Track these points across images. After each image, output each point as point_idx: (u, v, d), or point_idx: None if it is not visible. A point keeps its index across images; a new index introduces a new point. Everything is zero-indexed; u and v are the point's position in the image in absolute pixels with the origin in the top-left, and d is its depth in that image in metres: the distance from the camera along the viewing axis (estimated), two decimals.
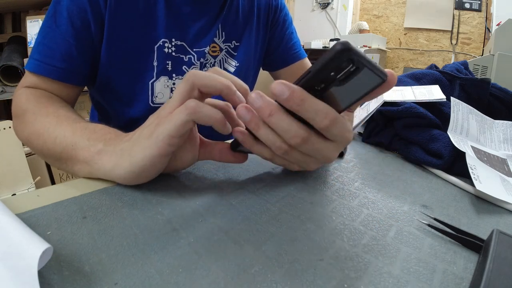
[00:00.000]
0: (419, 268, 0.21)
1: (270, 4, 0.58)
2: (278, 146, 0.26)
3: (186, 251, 0.21)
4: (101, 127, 0.32)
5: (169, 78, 0.49)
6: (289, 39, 0.62)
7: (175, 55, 0.48)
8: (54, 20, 0.42)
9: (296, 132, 0.25)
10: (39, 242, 0.18)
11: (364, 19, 2.69)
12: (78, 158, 0.30)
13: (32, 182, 1.16)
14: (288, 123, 0.25)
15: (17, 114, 0.41)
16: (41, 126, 0.35)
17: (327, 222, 0.26)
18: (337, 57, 0.20)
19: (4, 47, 1.52)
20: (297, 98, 0.23)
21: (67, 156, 0.31)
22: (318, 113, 0.24)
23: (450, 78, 0.51)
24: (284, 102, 0.23)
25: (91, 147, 0.30)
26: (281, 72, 0.64)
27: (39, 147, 0.35)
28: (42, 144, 0.35)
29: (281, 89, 0.23)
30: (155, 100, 0.49)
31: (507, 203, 0.30)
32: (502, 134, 0.46)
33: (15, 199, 0.27)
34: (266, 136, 0.26)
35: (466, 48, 2.20)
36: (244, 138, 0.29)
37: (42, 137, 0.35)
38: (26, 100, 0.40)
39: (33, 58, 0.43)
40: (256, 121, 0.26)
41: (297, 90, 0.23)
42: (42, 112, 0.38)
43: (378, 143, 0.48)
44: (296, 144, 0.25)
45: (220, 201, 0.28)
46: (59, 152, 0.32)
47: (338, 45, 0.19)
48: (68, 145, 0.31)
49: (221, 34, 0.53)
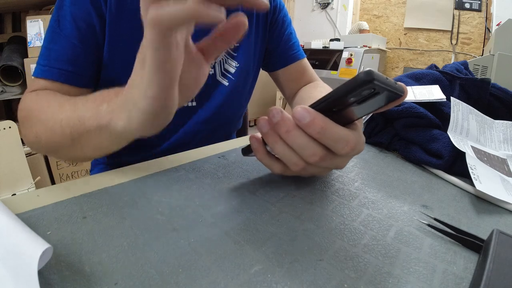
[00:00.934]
0: (419, 268, 0.21)
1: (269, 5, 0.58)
2: (294, 163, 0.26)
3: (186, 251, 0.21)
4: (99, 93, 0.31)
5: None
6: (288, 40, 0.62)
7: None
8: (58, 24, 0.42)
9: (314, 150, 0.25)
10: (39, 242, 0.18)
11: (364, 19, 2.68)
12: (90, 129, 0.29)
13: (32, 182, 1.16)
14: (306, 141, 0.24)
15: (23, 117, 0.39)
16: (46, 117, 0.34)
17: (327, 222, 0.26)
18: (360, 86, 0.20)
19: (4, 47, 1.52)
20: (317, 126, 0.23)
21: (78, 133, 0.30)
22: (339, 141, 0.24)
23: (450, 78, 0.51)
24: (305, 128, 0.24)
25: (96, 114, 0.28)
26: (280, 72, 0.64)
27: (50, 140, 0.33)
28: (51, 135, 0.33)
29: (302, 114, 0.23)
30: None
31: (507, 203, 0.30)
32: (502, 134, 0.46)
33: (15, 199, 0.27)
34: (282, 151, 0.26)
35: (466, 48, 2.20)
36: (258, 147, 0.29)
37: (49, 127, 0.33)
38: (30, 101, 0.40)
39: (40, 64, 0.42)
40: (273, 135, 0.26)
41: (318, 117, 0.23)
42: (44, 105, 0.36)
43: (378, 143, 0.48)
44: (315, 162, 0.25)
45: (220, 201, 0.28)
46: (69, 133, 0.31)
47: (362, 75, 0.19)
48: (75, 123, 0.30)
49: None
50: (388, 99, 0.22)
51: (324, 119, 0.23)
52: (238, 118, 0.65)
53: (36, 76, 0.42)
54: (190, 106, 0.52)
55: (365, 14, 2.70)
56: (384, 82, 0.20)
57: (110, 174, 0.33)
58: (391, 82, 0.21)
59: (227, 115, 0.58)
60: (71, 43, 0.42)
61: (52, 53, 0.42)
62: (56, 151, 0.35)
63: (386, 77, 0.20)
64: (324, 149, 0.25)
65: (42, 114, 0.35)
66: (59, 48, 0.42)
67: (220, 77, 0.54)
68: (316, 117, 0.23)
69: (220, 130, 0.59)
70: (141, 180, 0.31)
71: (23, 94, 0.43)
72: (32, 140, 0.37)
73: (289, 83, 0.65)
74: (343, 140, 0.24)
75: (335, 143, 0.24)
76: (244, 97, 0.62)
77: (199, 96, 0.52)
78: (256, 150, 0.29)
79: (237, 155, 0.40)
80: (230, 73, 0.55)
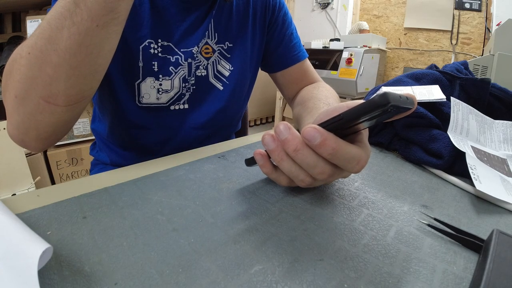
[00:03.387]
0: (419, 268, 0.21)
1: (267, 4, 0.56)
2: (301, 179, 0.26)
3: (186, 251, 0.21)
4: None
5: (156, 79, 0.48)
6: (289, 40, 0.60)
7: (161, 55, 0.47)
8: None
9: (322, 169, 0.24)
10: (39, 242, 0.18)
11: (364, 19, 2.68)
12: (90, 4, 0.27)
13: (32, 182, 1.16)
14: (315, 160, 0.24)
15: (6, 72, 0.32)
16: (29, 43, 0.29)
17: (327, 222, 0.26)
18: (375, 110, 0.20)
19: (4, 47, 1.52)
20: (329, 147, 0.22)
21: (79, 23, 0.27)
22: (350, 161, 0.23)
23: (450, 78, 0.51)
24: (316, 148, 0.23)
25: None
26: (281, 74, 0.62)
27: (39, 72, 0.29)
28: (39, 64, 0.28)
29: (313, 135, 0.22)
30: (142, 100, 0.49)
31: (507, 203, 0.30)
32: (502, 134, 0.46)
33: (15, 199, 0.27)
34: (289, 168, 0.26)
35: (466, 48, 2.20)
36: (264, 163, 0.28)
37: (38, 56, 0.28)
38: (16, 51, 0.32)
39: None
40: (280, 153, 0.25)
41: (329, 137, 0.22)
42: (31, 39, 0.30)
43: (378, 143, 0.48)
44: (323, 179, 0.25)
45: (220, 201, 0.28)
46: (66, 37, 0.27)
47: (378, 98, 0.19)
48: (70, 8, 0.27)
49: (214, 35, 0.51)
50: (398, 112, 0.22)
51: (336, 139, 0.23)
52: (237, 122, 0.63)
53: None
54: (182, 109, 0.51)
55: (365, 14, 2.70)
56: (399, 102, 0.20)
57: (110, 174, 0.33)
58: (404, 99, 0.20)
59: (224, 120, 0.57)
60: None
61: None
62: (49, 88, 0.29)
63: (400, 95, 0.20)
64: (333, 166, 0.24)
65: (23, 51, 0.30)
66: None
67: (213, 79, 0.53)
68: (327, 137, 0.22)
69: (217, 135, 0.58)
70: (141, 180, 0.31)
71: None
72: (16, 94, 0.31)
73: (289, 85, 0.63)
74: (354, 160, 0.23)
75: (346, 163, 0.24)
76: (242, 101, 0.60)
77: (191, 98, 0.51)
78: (262, 166, 0.28)
79: (237, 155, 0.40)
80: (225, 76, 0.54)
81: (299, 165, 0.25)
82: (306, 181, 0.26)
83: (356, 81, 1.88)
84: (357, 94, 1.91)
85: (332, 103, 0.48)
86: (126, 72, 0.46)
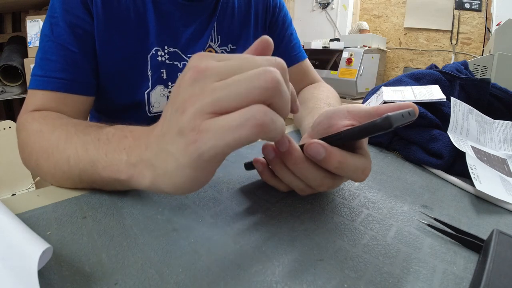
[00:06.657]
0: (419, 268, 0.21)
1: (268, 5, 0.57)
2: (301, 189, 0.26)
3: (186, 251, 0.21)
4: (112, 132, 0.27)
5: (165, 86, 0.48)
6: (289, 41, 0.60)
7: (169, 62, 0.47)
8: (52, 32, 0.39)
9: (322, 181, 0.24)
10: (39, 242, 0.18)
11: (364, 19, 2.68)
12: (104, 178, 0.26)
13: (32, 182, 1.16)
14: (315, 174, 0.24)
15: (22, 142, 0.34)
16: (49, 144, 0.30)
17: (327, 222, 0.26)
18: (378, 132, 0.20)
19: (4, 47, 1.52)
20: (335, 161, 0.22)
21: (89, 178, 0.27)
22: (356, 171, 0.24)
23: (450, 78, 0.51)
24: (321, 163, 0.23)
25: (113, 165, 0.24)
26: None
27: (51, 170, 0.30)
28: (54, 166, 0.29)
29: (317, 150, 0.22)
30: (152, 110, 0.48)
31: (507, 203, 0.30)
32: (502, 134, 0.46)
33: (15, 199, 0.27)
34: (289, 179, 0.26)
35: (466, 48, 2.20)
36: (263, 171, 0.28)
37: (53, 158, 0.29)
38: (32, 120, 0.35)
39: (35, 75, 0.39)
40: (280, 164, 0.25)
41: (334, 151, 0.22)
42: (48, 128, 0.32)
43: (378, 143, 0.48)
44: (323, 190, 0.25)
45: (220, 201, 0.28)
46: (77, 174, 0.28)
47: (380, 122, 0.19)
48: (86, 166, 0.26)
49: (217, 38, 0.51)
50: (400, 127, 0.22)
51: (341, 152, 0.23)
52: None
53: (33, 87, 0.39)
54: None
55: (365, 14, 2.70)
56: (401, 121, 0.20)
57: None
58: (406, 115, 0.20)
59: None
60: (67, 49, 0.39)
61: (48, 63, 0.39)
62: (59, 181, 0.30)
63: (402, 114, 0.20)
64: (332, 178, 0.25)
65: (44, 140, 0.31)
66: (54, 56, 0.39)
67: None
68: (332, 151, 0.22)
69: None
70: None
71: (19, 116, 0.38)
72: (33, 167, 0.33)
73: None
74: (360, 170, 0.24)
75: (352, 173, 0.24)
76: None
77: None
78: (261, 173, 0.29)
79: (237, 155, 0.40)
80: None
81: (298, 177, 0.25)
82: (306, 191, 0.26)
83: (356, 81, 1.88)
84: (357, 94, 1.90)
85: (332, 103, 0.48)
86: (136, 83, 0.47)
